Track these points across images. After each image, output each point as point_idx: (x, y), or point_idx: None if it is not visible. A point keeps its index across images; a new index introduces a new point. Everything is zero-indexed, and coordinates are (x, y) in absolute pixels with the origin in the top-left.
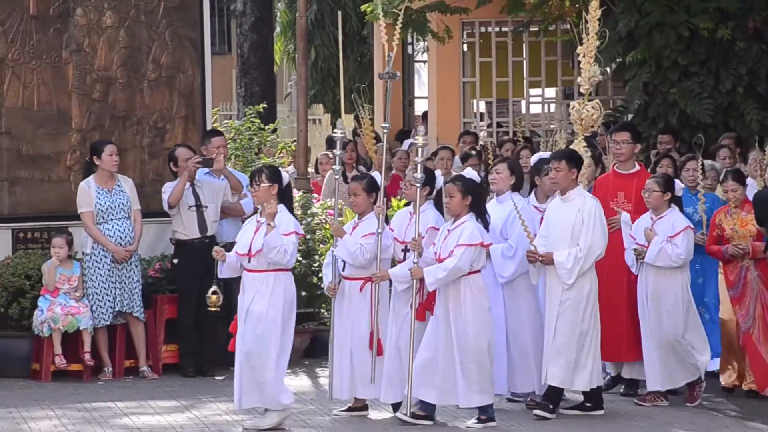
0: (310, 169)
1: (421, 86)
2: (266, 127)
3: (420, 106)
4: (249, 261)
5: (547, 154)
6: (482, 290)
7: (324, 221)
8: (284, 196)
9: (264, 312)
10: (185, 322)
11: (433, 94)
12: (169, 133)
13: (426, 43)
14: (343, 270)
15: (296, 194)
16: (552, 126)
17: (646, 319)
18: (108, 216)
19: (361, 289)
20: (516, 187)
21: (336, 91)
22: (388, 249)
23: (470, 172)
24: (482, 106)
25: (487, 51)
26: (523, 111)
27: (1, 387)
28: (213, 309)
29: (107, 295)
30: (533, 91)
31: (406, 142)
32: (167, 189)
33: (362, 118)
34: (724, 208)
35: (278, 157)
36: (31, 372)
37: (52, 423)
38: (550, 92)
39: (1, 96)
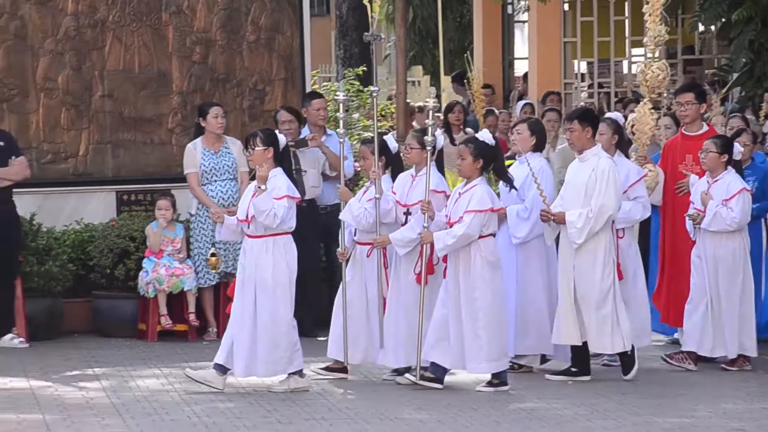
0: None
1: (522, 46)
2: (365, 89)
3: (520, 67)
4: (248, 227)
5: (615, 115)
6: (494, 254)
7: None
8: (282, 160)
9: (270, 279)
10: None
11: (534, 54)
12: (269, 96)
13: (527, 3)
14: (355, 235)
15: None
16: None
17: (698, 284)
18: (212, 177)
19: (368, 255)
20: (538, 148)
21: (435, 53)
22: (389, 213)
23: (485, 135)
24: (583, 67)
25: (588, 10)
26: (625, 71)
27: (108, 346)
28: (213, 271)
29: None
30: (635, 51)
31: (519, 104)
32: None
33: (472, 79)
34: None
35: (377, 120)
36: (137, 332)
37: (159, 381)
38: None
39: (102, 59)
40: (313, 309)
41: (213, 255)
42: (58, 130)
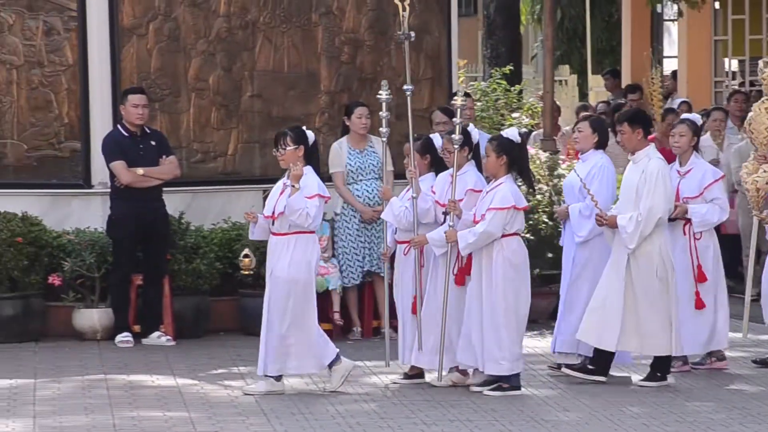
0: (567, 128)
1: (671, 45)
2: (512, 88)
3: (669, 65)
4: (273, 224)
5: (694, 116)
6: (517, 254)
7: None
8: (310, 158)
9: (286, 277)
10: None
11: (683, 52)
12: (416, 95)
13: (678, 6)
14: (395, 234)
15: (542, 156)
16: None
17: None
18: (358, 176)
19: (405, 253)
20: (600, 146)
21: (582, 52)
22: (428, 212)
23: (511, 132)
24: (734, 65)
25: (740, 8)
26: None
27: (254, 345)
28: (246, 272)
29: (356, 255)
30: None
31: (677, 101)
32: None
33: (653, 77)
34: None
35: (524, 118)
36: None
37: (303, 381)
38: None
39: (252, 59)
40: None
41: (246, 256)
42: (208, 130)
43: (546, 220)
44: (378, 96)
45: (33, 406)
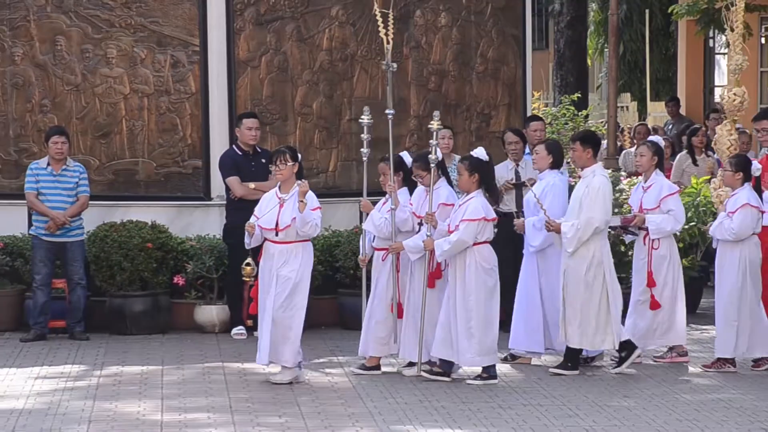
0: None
1: (721, 76)
2: (579, 113)
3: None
4: (276, 234)
5: (656, 138)
6: (487, 260)
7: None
8: (300, 174)
9: (295, 278)
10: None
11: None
12: (494, 119)
13: (726, 39)
14: (373, 241)
15: (607, 172)
16: None
17: (716, 289)
18: None
19: (383, 259)
20: (555, 165)
21: (642, 81)
22: (406, 222)
23: (480, 152)
24: None
25: None
26: None
27: (351, 338)
28: (247, 279)
29: None
30: None
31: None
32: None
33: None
34: None
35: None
36: None
37: (394, 368)
38: None
39: (351, 88)
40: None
41: (248, 264)
42: (312, 149)
43: (609, 230)
44: (360, 120)
45: (161, 389)
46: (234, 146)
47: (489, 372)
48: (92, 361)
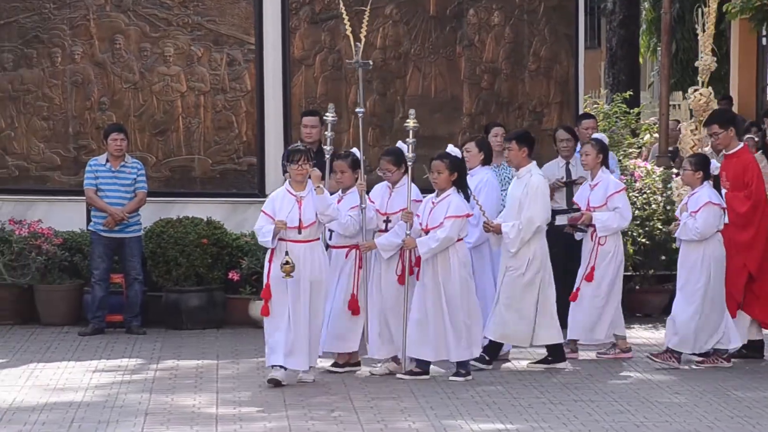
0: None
1: None
2: (631, 111)
3: None
4: (299, 232)
5: (601, 136)
6: (466, 256)
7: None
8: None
9: (323, 276)
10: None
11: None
12: (546, 117)
13: None
14: (330, 239)
15: (657, 170)
16: None
17: (680, 286)
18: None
19: (346, 256)
20: (486, 162)
21: (694, 80)
22: (372, 220)
23: (455, 150)
24: None
25: None
26: None
27: None
28: (286, 277)
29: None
30: None
31: None
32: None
33: None
34: None
35: (646, 135)
36: None
37: (447, 366)
38: None
39: (404, 86)
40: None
41: (287, 263)
42: (365, 147)
43: (660, 227)
44: (325, 117)
45: (216, 383)
46: (299, 142)
47: (466, 368)
48: (149, 355)
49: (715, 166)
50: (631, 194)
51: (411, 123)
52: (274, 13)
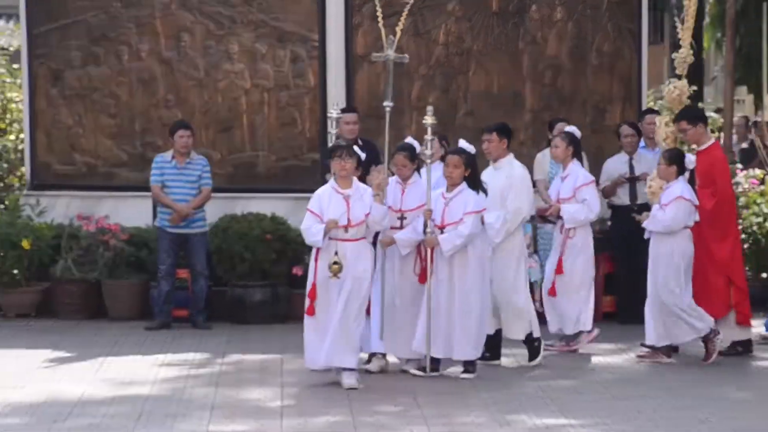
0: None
1: None
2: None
3: None
4: (346, 231)
5: (572, 128)
6: (484, 251)
7: (747, 189)
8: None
9: (365, 276)
10: (621, 277)
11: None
12: (609, 113)
13: None
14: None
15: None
16: None
17: (650, 280)
18: None
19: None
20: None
21: (759, 75)
22: (386, 217)
23: (469, 146)
24: None
25: None
26: None
27: None
28: (333, 277)
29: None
30: None
31: None
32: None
33: None
34: None
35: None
36: None
37: (508, 360)
38: None
39: (467, 82)
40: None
41: (335, 263)
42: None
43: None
44: (329, 115)
45: (280, 377)
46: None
47: (474, 366)
48: (214, 350)
49: (690, 160)
50: None
51: (429, 120)
52: (337, 10)
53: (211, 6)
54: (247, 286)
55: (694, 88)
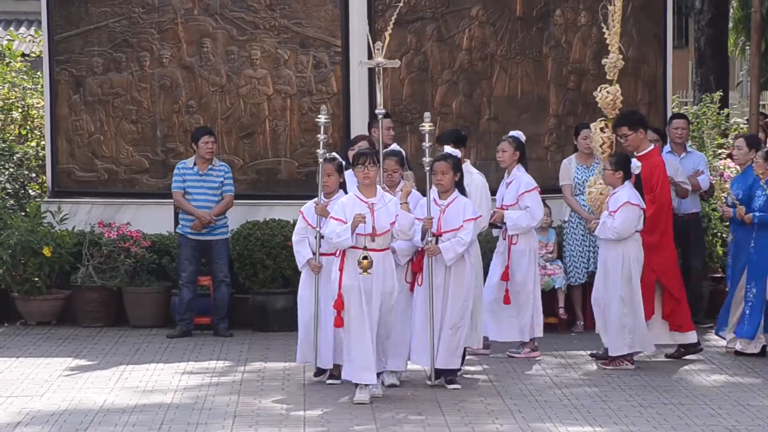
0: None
1: None
2: (721, 111)
3: None
4: (372, 240)
5: (517, 133)
6: (478, 259)
7: None
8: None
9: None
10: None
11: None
12: None
13: None
14: (319, 247)
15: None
16: None
17: (599, 287)
18: (584, 188)
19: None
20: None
21: None
22: (413, 227)
23: (453, 150)
24: None
25: None
26: None
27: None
28: (363, 273)
29: (581, 256)
30: None
31: None
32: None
33: None
34: None
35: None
36: None
37: (534, 367)
38: None
39: (490, 87)
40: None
41: (365, 258)
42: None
43: None
44: (317, 120)
45: (303, 385)
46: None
47: (456, 375)
48: (236, 357)
49: (636, 165)
50: (722, 195)
51: (427, 126)
52: (360, 16)
53: (233, 12)
54: (269, 293)
55: (720, 93)
